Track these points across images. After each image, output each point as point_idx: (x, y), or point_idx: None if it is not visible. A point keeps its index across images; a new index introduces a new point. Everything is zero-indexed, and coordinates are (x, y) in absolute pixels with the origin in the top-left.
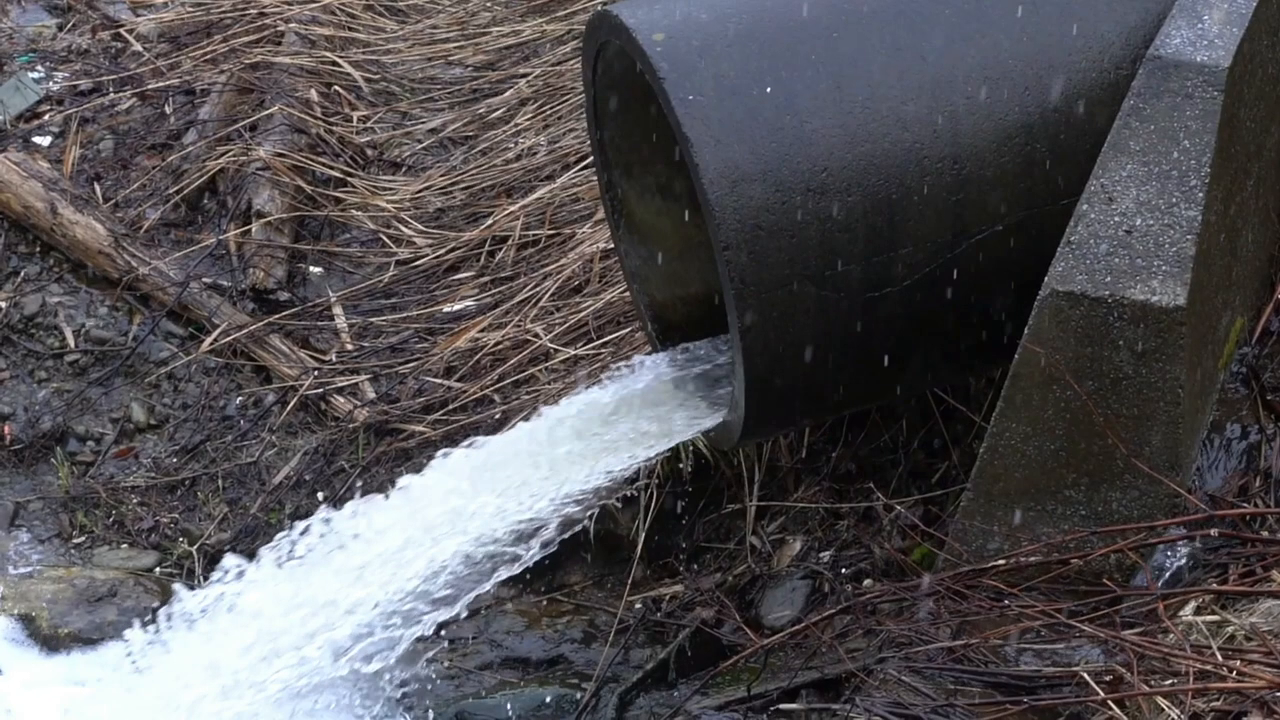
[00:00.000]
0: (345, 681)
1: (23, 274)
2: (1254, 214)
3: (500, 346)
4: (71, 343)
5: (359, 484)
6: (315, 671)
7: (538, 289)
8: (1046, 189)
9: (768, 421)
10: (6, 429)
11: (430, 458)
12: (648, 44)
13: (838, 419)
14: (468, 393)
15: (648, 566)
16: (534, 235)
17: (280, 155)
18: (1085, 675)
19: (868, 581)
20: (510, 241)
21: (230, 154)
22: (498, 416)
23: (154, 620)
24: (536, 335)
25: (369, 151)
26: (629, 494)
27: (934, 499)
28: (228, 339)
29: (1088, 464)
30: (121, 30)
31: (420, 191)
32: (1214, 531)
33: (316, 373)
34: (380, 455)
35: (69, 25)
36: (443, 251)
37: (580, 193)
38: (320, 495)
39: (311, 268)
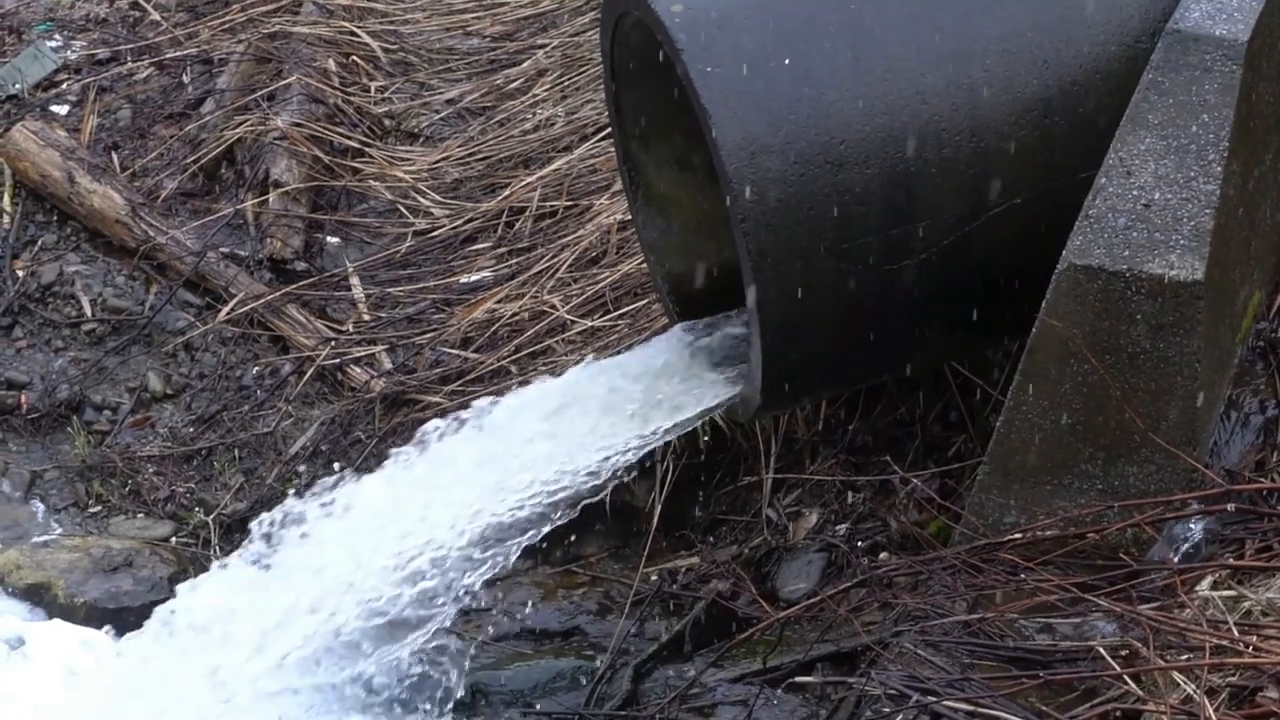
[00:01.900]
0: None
1: (40, 243)
2: (1272, 188)
3: (517, 318)
4: (88, 311)
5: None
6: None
7: (555, 260)
8: (1065, 162)
9: (784, 394)
10: (23, 398)
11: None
12: (666, 15)
13: (855, 392)
14: (484, 363)
15: (664, 539)
16: (551, 206)
17: (298, 125)
18: (1101, 650)
19: (884, 555)
20: (528, 212)
21: (248, 123)
22: (514, 387)
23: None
24: (553, 306)
25: (387, 122)
26: (645, 465)
27: (950, 472)
28: (245, 309)
29: (1105, 438)
30: None
31: (438, 162)
32: (1231, 506)
33: (333, 343)
34: (396, 426)
35: None
36: (460, 222)
37: (598, 164)
38: (336, 466)
39: (329, 238)
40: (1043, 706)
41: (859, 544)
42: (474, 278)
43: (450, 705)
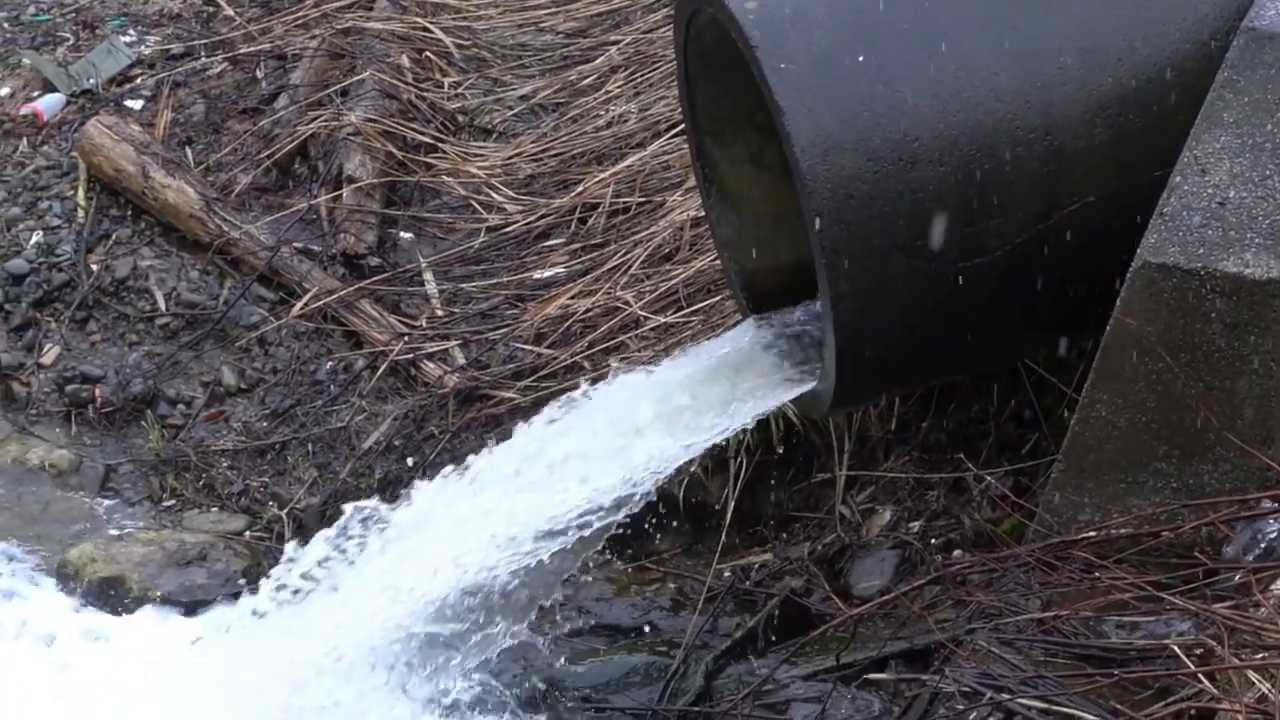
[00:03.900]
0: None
1: (114, 237)
2: None
3: (590, 313)
4: (162, 306)
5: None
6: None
7: (628, 256)
8: (1139, 160)
9: (858, 391)
10: (98, 392)
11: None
12: (740, 12)
13: (928, 389)
14: (558, 359)
15: (737, 535)
16: (624, 202)
17: (371, 120)
18: (1175, 648)
19: (957, 552)
20: (601, 209)
21: (321, 119)
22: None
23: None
24: (626, 303)
25: (460, 117)
26: (719, 461)
27: (1024, 470)
28: (318, 304)
29: (1179, 436)
30: None
31: (511, 158)
32: None
33: (407, 338)
34: (470, 421)
35: None
36: (533, 218)
37: (671, 160)
38: (410, 461)
39: (402, 233)
40: (1117, 705)
41: (932, 541)
42: (547, 274)
43: (525, 701)
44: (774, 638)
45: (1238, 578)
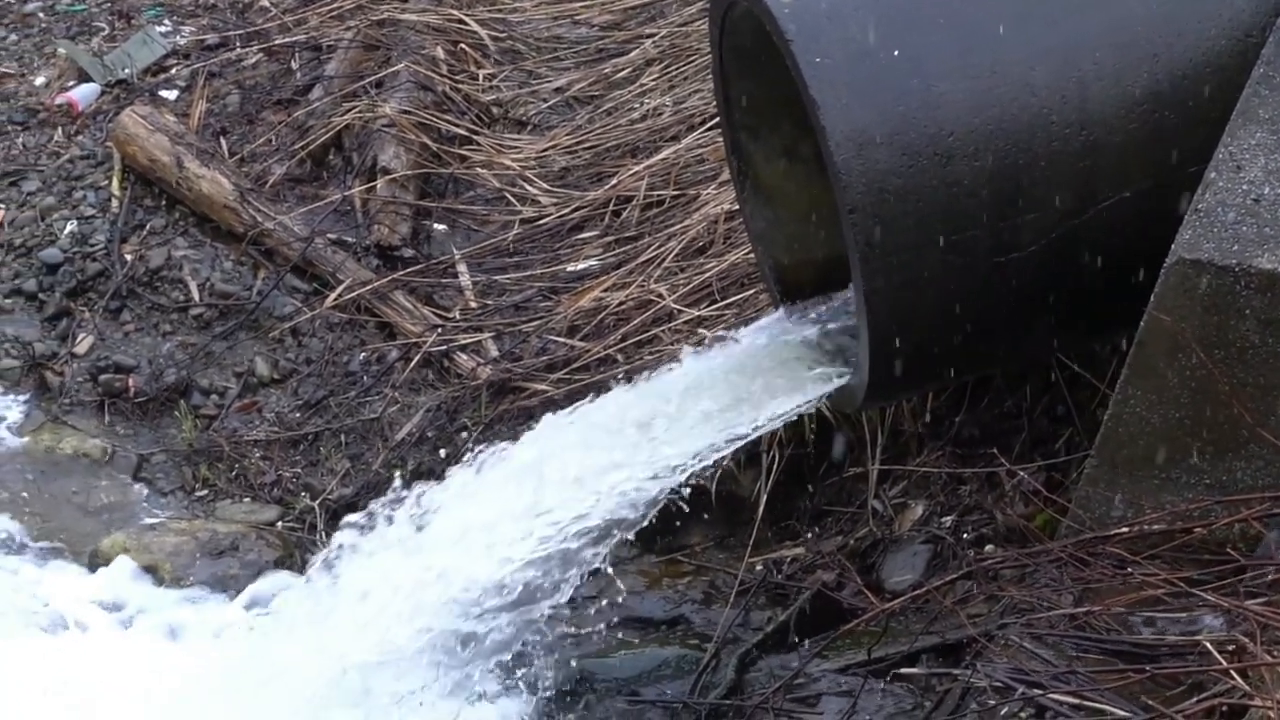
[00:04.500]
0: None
1: (148, 227)
2: None
3: (624, 306)
4: (196, 296)
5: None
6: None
7: (662, 249)
8: (1174, 156)
9: (891, 386)
10: (131, 382)
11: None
12: (775, 5)
13: (961, 384)
14: (591, 352)
15: (769, 528)
16: (659, 195)
17: (406, 112)
18: (1208, 644)
19: (990, 547)
20: (635, 201)
21: (356, 110)
22: (620, 377)
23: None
24: (660, 295)
25: (494, 109)
26: (751, 454)
27: (1057, 465)
28: (352, 295)
29: (1213, 433)
30: None
31: (545, 150)
32: None
33: (440, 330)
34: (503, 413)
35: None
36: (567, 211)
37: (705, 154)
38: (442, 452)
39: (436, 225)
40: (1149, 700)
41: (965, 536)
42: (581, 266)
43: (556, 693)
44: (806, 632)
45: (1271, 574)
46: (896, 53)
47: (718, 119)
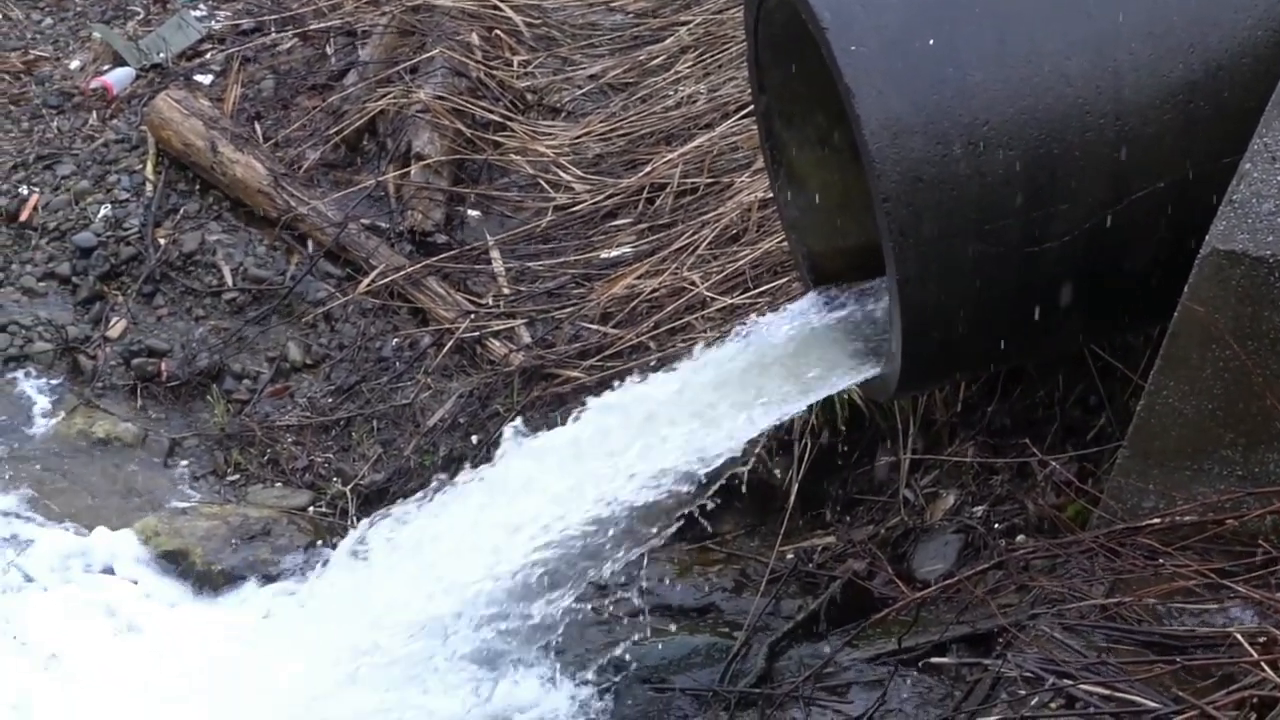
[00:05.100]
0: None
1: (182, 211)
2: None
3: (656, 294)
4: (229, 281)
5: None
6: None
7: (695, 237)
8: (1209, 147)
9: (924, 375)
10: (164, 366)
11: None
12: None
13: (993, 374)
14: (623, 339)
15: (800, 517)
16: (692, 183)
17: (440, 98)
18: (1239, 636)
19: (1021, 537)
20: (668, 189)
21: (390, 96)
22: (653, 364)
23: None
24: (693, 283)
25: (529, 96)
26: (783, 442)
27: (1089, 456)
28: (385, 280)
29: (1246, 424)
30: None
31: (579, 137)
32: None
33: (473, 316)
34: (535, 400)
35: None
36: (601, 198)
37: (739, 141)
38: (474, 439)
39: (469, 211)
40: (1179, 692)
41: (996, 526)
42: (614, 253)
43: (587, 680)
44: (836, 620)
45: None
46: (931, 41)
47: (752, 107)
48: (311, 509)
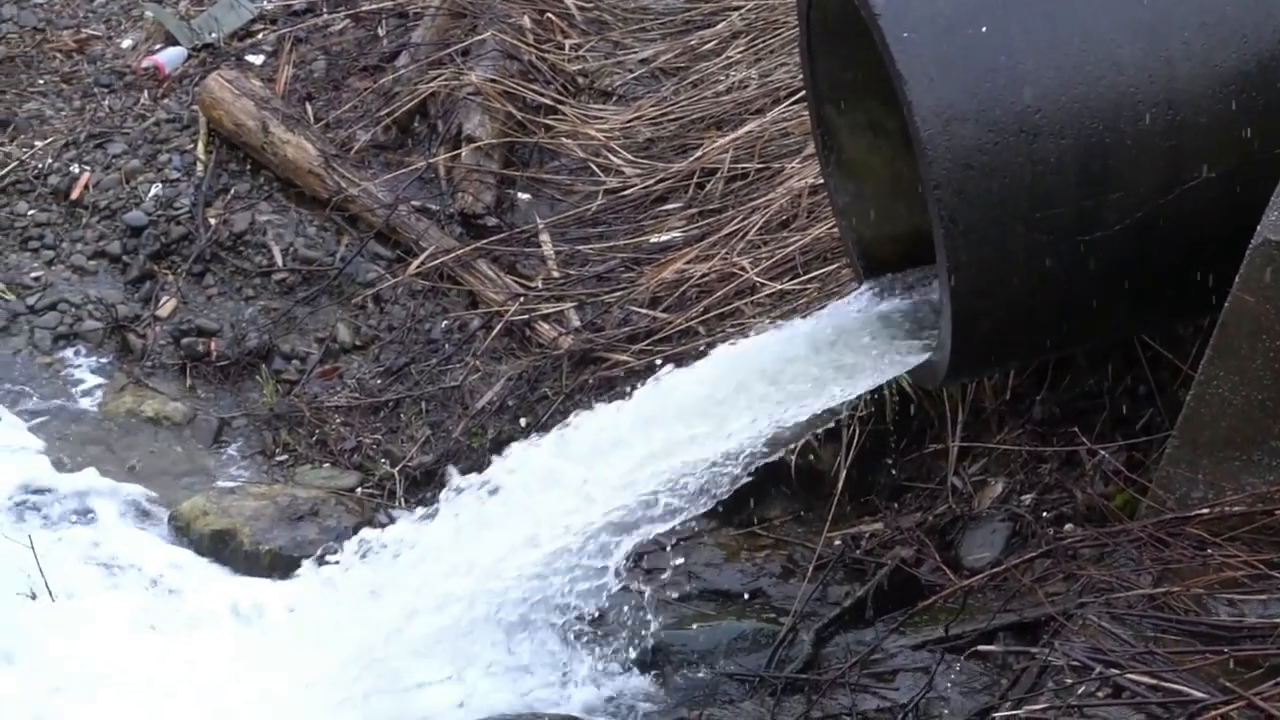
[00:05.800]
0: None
1: (232, 191)
2: None
3: (706, 279)
4: (279, 261)
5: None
6: None
7: (745, 222)
8: (1261, 137)
9: (973, 362)
10: (213, 345)
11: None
12: None
13: (1043, 362)
14: (673, 324)
15: (848, 504)
16: (743, 168)
17: (492, 81)
18: None
19: (1069, 526)
20: (719, 174)
21: (442, 78)
22: (702, 349)
23: None
24: (743, 269)
25: (580, 80)
26: (831, 429)
27: (1138, 445)
28: (435, 262)
29: None
30: None
31: (630, 121)
32: None
33: (522, 299)
34: (583, 383)
35: None
36: (651, 182)
37: (790, 127)
38: (523, 421)
39: (520, 194)
40: (1227, 682)
41: (1044, 514)
42: (664, 238)
43: (633, 664)
44: (883, 607)
45: None
46: (984, 29)
47: (803, 92)
48: (359, 490)
